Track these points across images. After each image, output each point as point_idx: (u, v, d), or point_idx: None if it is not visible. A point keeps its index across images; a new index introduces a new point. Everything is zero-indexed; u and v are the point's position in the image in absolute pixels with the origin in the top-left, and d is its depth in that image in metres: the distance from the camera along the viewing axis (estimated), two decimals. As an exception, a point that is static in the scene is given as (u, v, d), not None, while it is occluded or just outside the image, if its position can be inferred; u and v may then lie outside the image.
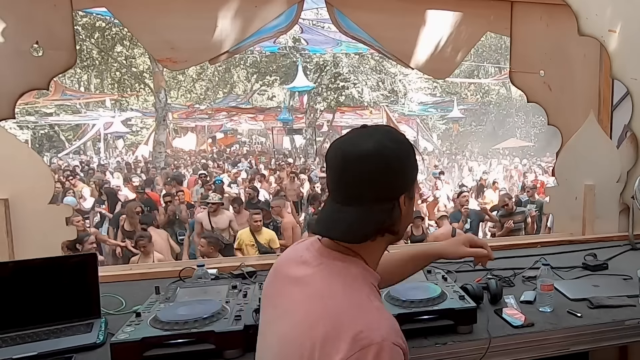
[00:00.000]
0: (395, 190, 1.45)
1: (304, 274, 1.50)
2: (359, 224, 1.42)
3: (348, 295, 1.40)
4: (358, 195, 1.42)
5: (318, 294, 1.42)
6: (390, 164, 1.42)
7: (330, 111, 34.15)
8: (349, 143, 1.46)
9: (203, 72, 40.46)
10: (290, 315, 1.44)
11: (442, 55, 4.41)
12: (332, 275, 1.46)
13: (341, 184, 1.45)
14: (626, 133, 4.33)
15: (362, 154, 1.41)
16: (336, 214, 1.45)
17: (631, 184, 4.13)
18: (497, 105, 43.43)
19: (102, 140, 38.28)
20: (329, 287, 1.43)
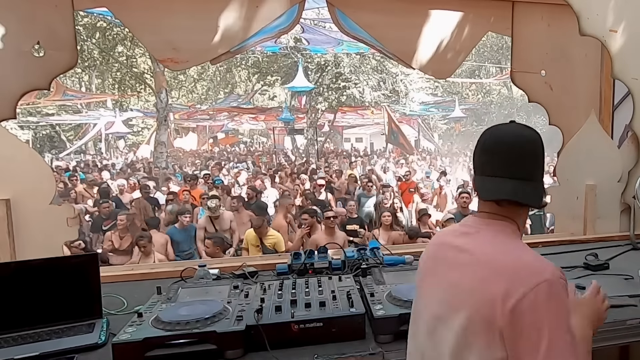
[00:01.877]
0: (539, 172, 1.76)
1: (466, 241, 1.75)
2: (524, 192, 1.70)
3: (513, 247, 1.68)
4: (511, 171, 1.71)
5: (487, 251, 1.68)
6: (538, 148, 1.76)
7: (331, 111, 34.13)
8: (501, 131, 1.79)
9: (204, 72, 40.46)
10: (462, 273, 1.69)
11: (444, 55, 4.41)
12: (496, 234, 1.72)
13: (497, 160, 1.73)
14: (627, 133, 4.33)
15: (517, 137, 1.75)
16: (496, 184, 1.72)
17: (632, 184, 4.13)
18: (499, 105, 43.41)
19: (103, 140, 38.28)
20: (495, 244, 1.69)
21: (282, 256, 3.75)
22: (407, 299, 2.37)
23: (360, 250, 3.43)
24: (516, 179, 1.69)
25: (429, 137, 42.16)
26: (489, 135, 1.78)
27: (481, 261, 1.65)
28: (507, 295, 1.51)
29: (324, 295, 2.55)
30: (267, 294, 2.60)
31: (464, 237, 1.77)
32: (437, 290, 1.77)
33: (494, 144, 1.75)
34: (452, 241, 1.81)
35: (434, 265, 1.85)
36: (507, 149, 1.72)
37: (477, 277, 1.61)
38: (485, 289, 1.57)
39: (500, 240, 1.70)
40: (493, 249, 1.67)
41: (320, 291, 2.62)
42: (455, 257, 1.74)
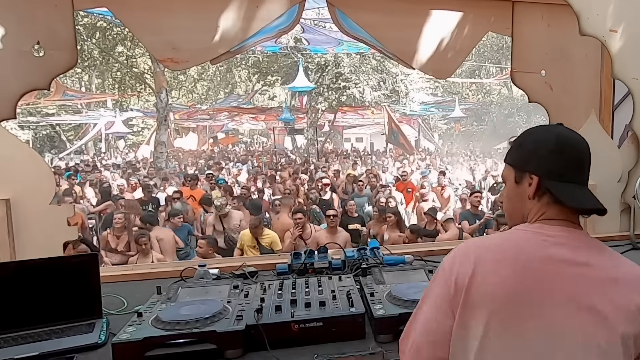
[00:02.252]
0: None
1: (578, 254, 1.63)
2: (595, 199, 1.75)
3: (620, 257, 1.78)
4: (581, 178, 1.84)
5: (608, 264, 1.67)
6: (589, 154, 1.86)
7: (331, 111, 34.17)
8: (572, 137, 1.82)
9: (204, 72, 40.51)
10: (598, 289, 1.55)
11: (444, 55, 4.41)
12: (597, 245, 1.74)
13: (581, 169, 1.84)
14: (627, 133, 4.33)
15: (582, 144, 1.84)
16: (587, 193, 1.80)
17: (632, 184, 4.13)
18: (499, 105, 43.44)
19: (104, 140, 38.30)
20: (606, 254, 1.71)
21: (282, 256, 3.75)
22: (407, 299, 2.37)
23: (360, 250, 3.43)
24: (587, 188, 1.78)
25: (429, 137, 42.20)
26: (564, 139, 1.78)
27: (611, 274, 1.61)
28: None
29: (324, 295, 2.55)
30: (267, 293, 2.60)
31: (570, 249, 1.63)
32: (570, 315, 1.51)
33: (575, 150, 1.81)
34: (558, 254, 1.60)
35: (539, 285, 1.54)
36: (587, 156, 1.84)
37: (621, 291, 1.55)
38: (632, 301, 1.53)
39: (606, 250, 1.74)
40: (611, 260, 1.70)
41: (320, 291, 2.61)
42: (579, 273, 1.57)
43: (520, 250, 1.61)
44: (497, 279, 1.55)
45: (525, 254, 1.59)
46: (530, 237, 1.65)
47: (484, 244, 1.69)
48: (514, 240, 1.66)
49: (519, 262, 1.57)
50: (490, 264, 1.58)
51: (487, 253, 1.62)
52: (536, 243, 1.62)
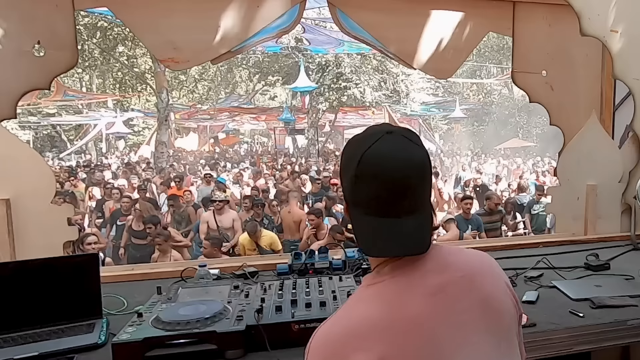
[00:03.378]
0: (429, 194, 1.43)
1: (440, 279, 1.39)
2: (427, 232, 1.38)
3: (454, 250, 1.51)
4: (415, 206, 1.37)
5: (470, 270, 1.46)
6: (426, 170, 1.40)
7: (332, 111, 34.17)
8: (401, 155, 1.36)
9: (205, 72, 40.46)
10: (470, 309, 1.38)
11: (444, 55, 4.41)
12: (451, 255, 1.48)
13: (401, 196, 1.35)
14: (628, 133, 4.33)
15: (406, 168, 1.35)
16: (403, 229, 1.35)
17: (633, 184, 4.13)
18: (499, 105, 43.38)
19: (104, 140, 38.30)
20: (460, 260, 1.47)
21: (282, 256, 3.75)
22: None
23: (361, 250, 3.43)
24: (417, 214, 1.41)
25: (430, 137, 42.10)
26: (372, 161, 1.36)
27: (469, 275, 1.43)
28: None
29: (325, 295, 2.55)
30: (267, 294, 2.60)
31: (432, 277, 1.38)
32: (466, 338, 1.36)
33: (388, 176, 1.35)
34: (426, 289, 1.36)
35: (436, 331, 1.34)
36: (411, 179, 1.37)
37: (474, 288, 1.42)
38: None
39: (450, 253, 1.49)
40: (460, 261, 1.47)
41: (321, 291, 2.61)
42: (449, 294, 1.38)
43: (403, 311, 1.33)
44: (410, 354, 1.28)
45: (412, 311, 1.33)
46: (393, 289, 1.37)
47: (359, 329, 1.31)
48: (385, 303, 1.35)
49: (415, 322, 1.31)
50: (394, 346, 1.28)
51: (376, 338, 1.29)
52: (407, 290, 1.36)
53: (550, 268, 3.34)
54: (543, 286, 2.99)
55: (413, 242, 1.34)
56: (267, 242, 8.69)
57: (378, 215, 1.35)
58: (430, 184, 1.42)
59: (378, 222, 1.35)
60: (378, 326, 1.29)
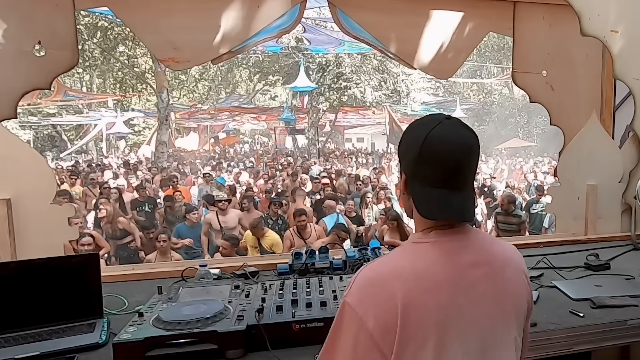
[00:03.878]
0: (475, 174, 1.67)
1: (467, 257, 1.59)
2: (471, 205, 1.64)
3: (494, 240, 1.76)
4: (465, 182, 1.61)
5: (496, 254, 1.66)
6: (477, 151, 1.62)
7: (332, 111, 34.22)
8: (452, 134, 1.58)
9: (205, 72, 40.49)
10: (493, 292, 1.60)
11: (445, 55, 4.41)
12: (487, 241, 1.70)
13: (454, 172, 1.57)
14: (628, 133, 4.33)
15: (466, 145, 1.58)
16: (455, 200, 1.58)
17: (633, 184, 4.13)
18: (500, 105, 43.36)
19: (105, 140, 38.29)
20: (495, 249, 1.68)
21: (283, 256, 3.75)
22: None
23: (362, 250, 3.42)
24: (468, 189, 1.66)
25: (430, 137, 42.12)
26: (434, 143, 1.58)
27: (502, 260, 1.67)
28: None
29: (325, 295, 2.55)
30: (268, 293, 2.60)
31: (472, 252, 1.61)
32: (495, 314, 1.60)
33: (445, 155, 1.59)
34: (466, 261, 1.58)
35: (468, 298, 1.55)
36: (464, 159, 1.61)
37: (505, 281, 1.66)
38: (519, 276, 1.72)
39: (491, 240, 1.75)
40: (499, 247, 1.71)
41: (322, 291, 2.61)
42: (486, 272, 1.60)
43: (436, 270, 1.53)
44: (430, 307, 1.48)
45: (443, 273, 1.53)
46: (434, 251, 1.57)
47: (395, 272, 1.52)
48: (424, 260, 1.56)
49: (442, 284, 1.51)
50: (418, 294, 1.48)
51: (406, 283, 1.49)
52: (445, 256, 1.56)
53: (551, 268, 3.34)
54: (543, 286, 3.00)
55: (461, 211, 1.58)
56: (269, 242, 8.66)
57: (434, 186, 1.57)
58: (476, 165, 1.63)
59: (434, 192, 1.57)
60: (412, 276, 1.51)
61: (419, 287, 1.49)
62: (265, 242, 8.62)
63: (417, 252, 1.59)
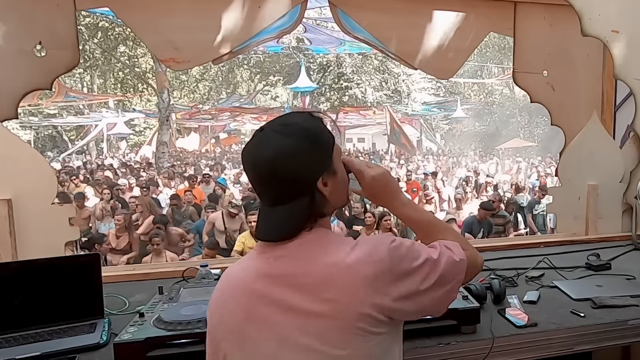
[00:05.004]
0: (308, 183, 1.54)
1: (284, 268, 1.53)
2: (286, 223, 1.54)
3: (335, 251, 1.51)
4: (278, 196, 1.54)
5: (316, 267, 1.49)
6: (292, 165, 1.49)
7: (333, 111, 34.17)
8: (256, 152, 1.53)
9: (206, 72, 40.48)
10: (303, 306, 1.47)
11: (446, 55, 4.41)
12: (314, 251, 1.53)
13: (262, 189, 1.56)
14: (629, 133, 4.33)
15: (268, 162, 1.49)
16: (267, 218, 1.58)
17: (634, 184, 4.13)
18: (501, 105, 43.33)
19: (105, 140, 38.29)
20: (320, 259, 1.50)
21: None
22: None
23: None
24: (280, 205, 1.58)
25: (431, 138, 42.16)
26: (245, 153, 1.58)
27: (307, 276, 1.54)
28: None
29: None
30: (268, 294, 2.60)
31: (287, 262, 1.55)
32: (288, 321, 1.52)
33: (245, 168, 1.59)
34: (273, 272, 1.56)
35: (252, 320, 1.55)
36: (264, 168, 1.54)
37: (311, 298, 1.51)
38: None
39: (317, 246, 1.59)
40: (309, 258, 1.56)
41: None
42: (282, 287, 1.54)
43: (239, 278, 1.61)
44: (216, 316, 1.60)
45: (241, 281, 1.59)
46: (251, 261, 1.63)
47: (222, 278, 1.69)
48: (240, 268, 1.65)
49: (239, 293, 1.57)
50: (220, 299, 1.61)
51: (218, 290, 1.65)
52: (256, 266, 1.59)
53: (552, 268, 3.34)
54: (544, 286, 2.99)
55: (265, 231, 1.58)
56: None
57: (261, 202, 1.60)
58: (292, 177, 1.51)
59: (260, 208, 1.63)
60: (224, 283, 1.65)
61: (224, 292, 1.61)
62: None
63: (243, 260, 1.69)
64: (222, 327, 1.58)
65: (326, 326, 1.43)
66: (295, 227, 1.54)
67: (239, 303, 1.55)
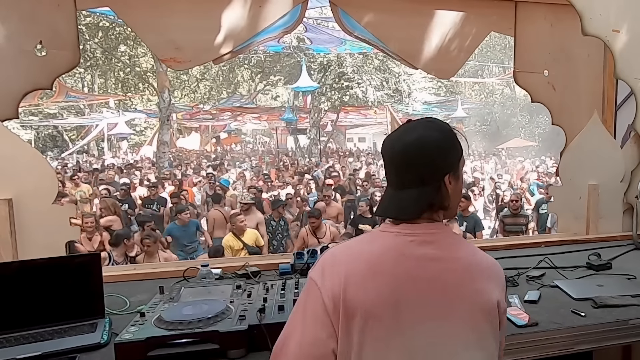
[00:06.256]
0: (437, 173, 1.69)
1: (435, 252, 1.68)
2: (413, 204, 1.69)
3: (482, 252, 1.79)
4: (409, 181, 1.69)
5: (463, 256, 1.72)
6: (429, 151, 1.67)
7: (334, 111, 34.19)
8: (396, 138, 1.72)
9: (207, 72, 40.47)
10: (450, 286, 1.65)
11: (446, 55, 4.41)
12: (454, 238, 1.77)
13: (396, 172, 1.72)
14: (630, 133, 4.32)
15: (406, 146, 1.68)
16: (396, 199, 1.72)
17: (635, 184, 4.13)
18: (501, 105, 43.28)
19: (106, 140, 38.29)
20: (461, 248, 1.74)
21: (284, 256, 3.75)
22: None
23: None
24: (408, 189, 1.72)
25: (432, 137, 42.08)
26: (388, 143, 1.77)
27: (469, 262, 1.71)
28: (495, 290, 1.70)
29: (326, 294, 2.55)
30: (269, 293, 2.60)
31: (434, 247, 1.69)
32: (447, 312, 1.64)
33: (396, 152, 1.73)
34: (426, 253, 1.67)
35: (414, 288, 1.63)
36: (412, 156, 1.70)
37: (467, 279, 1.68)
38: (483, 289, 1.68)
39: (463, 242, 1.83)
40: (468, 250, 1.76)
41: (323, 291, 2.61)
42: (446, 268, 1.67)
43: (389, 255, 1.66)
44: (370, 289, 1.60)
45: (393, 259, 1.65)
46: (395, 239, 1.70)
47: (352, 252, 1.71)
48: (380, 245, 1.70)
49: (389, 269, 1.64)
50: (362, 273, 1.63)
51: (356, 263, 1.65)
52: (402, 245, 1.68)
53: (552, 267, 3.34)
54: (545, 286, 2.99)
55: (397, 210, 1.71)
56: (251, 239, 8.80)
57: (389, 185, 1.77)
58: (424, 165, 1.67)
59: (386, 191, 1.78)
60: (362, 260, 1.66)
61: (364, 269, 1.63)
62: (248, 239, 8.71)
63: (378, 239, 1.73)
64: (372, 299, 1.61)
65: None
66: (421, 209, 1.70)
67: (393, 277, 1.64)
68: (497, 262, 1.78)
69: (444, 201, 1.71)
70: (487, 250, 1.75)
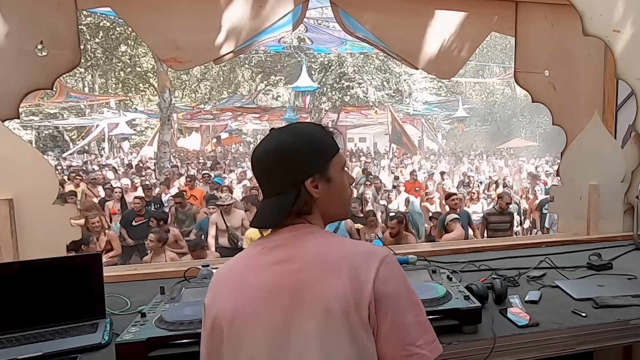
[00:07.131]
0: (296, 178, 1.67)
1: (282, 254, 1.66)
2: (272, 212, 1.69)
3: (340, 242, 1.72)
4: (270, 189, 1.71)
5: (312, 252, 1.65)
6: (284, 157, 1.66)
7: (335, 111, 34.20)
8: (257, 148, 1.73)
9: (207, 72, 40.51)
10: (303, 285, 1.59)
11: (447, 55, 4.41)
12: (308, 237, 1.69)
13: (259, 182, 1.74)
14: (631, 133, 4.32)
15: (262, 155, 1.70)
16: (260, 208, 1.75)
17: (635, 184, 4.13)
18: (502, 105, 43.35)
19: (107, 140, 38.29)
20: (312, 244, 1.67)
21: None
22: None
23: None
24: (271, 197, 1.73)
25: (433, 137, 42.18)
26: (254, 154, 1.76)
27: (319, 258, 1.64)
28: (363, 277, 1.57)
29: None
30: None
31: (275, 252, 1.68)
32: (298, 311, 1.58)
33: (258, 163, 1.74)
34: (271, 259, 1.67)
35: (259, 296, 1.63)
36: (268, 165, 1.71)
37: (315, 276, 1.59)
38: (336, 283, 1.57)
39: (315, 236, 1.72)
40: (319, 245, 1.69)
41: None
42: (293, 269, 1.62)
43: (237, 268, 1.75)
44: (220, 303, 1.69)
45: (240, 272, 1.72)
46: (251, 251, 1.77)
47: (217, 274, 1.82)
48: (239, 259, 1.78)
49: (235, 281, 1.70)
50: (224, 288, 1.72)
51: (222, 278, 1.77)
52: (252, 256, 1.73)
53: (553, 268, 3.34)
54: (546, 286, 2.99)
55: (259, 219, 1.74)
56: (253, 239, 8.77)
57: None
58: (283, 172, 1.67)
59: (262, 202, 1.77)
60: (222, 278, 1.77)
61: (223, 287, 1.72)
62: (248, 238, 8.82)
63: (242, 253, 1.81)
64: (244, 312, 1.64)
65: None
66: (280, 217, 1.69)
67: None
68: (361, 248, 1.68)
69: (306, 207, 1.70)
70: (487, 250, 1.74)
